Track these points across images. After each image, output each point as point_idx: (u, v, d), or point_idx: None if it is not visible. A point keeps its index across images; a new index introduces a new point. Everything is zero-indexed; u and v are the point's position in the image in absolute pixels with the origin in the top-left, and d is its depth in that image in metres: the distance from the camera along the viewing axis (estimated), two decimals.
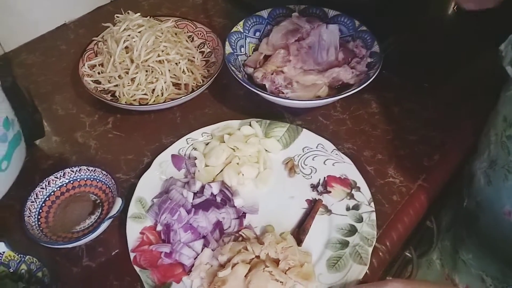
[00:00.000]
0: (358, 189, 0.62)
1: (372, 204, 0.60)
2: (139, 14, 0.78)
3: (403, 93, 0.77)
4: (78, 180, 0.64)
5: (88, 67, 0.77)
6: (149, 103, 0.72)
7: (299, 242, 0.57)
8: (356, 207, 0.60)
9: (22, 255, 0.54)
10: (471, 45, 0.85)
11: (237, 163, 0.65)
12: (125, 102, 0.73)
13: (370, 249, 0.55)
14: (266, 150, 0.67)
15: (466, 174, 0.70)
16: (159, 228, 0.58)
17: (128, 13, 0.78)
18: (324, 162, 0.65)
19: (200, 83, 0.77)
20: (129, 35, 0.74)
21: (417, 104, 0.76)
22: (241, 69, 0.75)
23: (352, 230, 0.58)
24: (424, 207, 0.64)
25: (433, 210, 0.91)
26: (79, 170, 0.64)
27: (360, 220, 0.58)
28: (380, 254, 0.58)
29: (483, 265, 0.65)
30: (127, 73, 0.74)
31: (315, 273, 0.54)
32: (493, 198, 0.58)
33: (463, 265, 0.69)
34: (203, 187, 0.61)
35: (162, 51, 0.74)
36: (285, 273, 0.53)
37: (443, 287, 0.46)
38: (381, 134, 0.71)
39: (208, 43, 0.83)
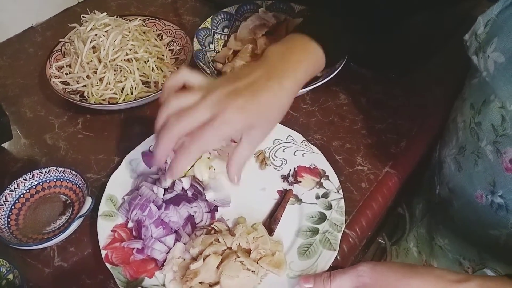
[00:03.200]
0: (327, 177, 0.63)
1: (341, 191, 0.61)
2: (105, 13, 0.78)
3: (370, 84, 0.79)
4: (48, 181, 0.63)
5: (56, 69, 0.77)
6: (118, 102, 0.72)
7: (271, 231, 0.58)
8: (325, 195, 0.61)
9: None
10: (436, 35, 0.87)
11: (208, 158, 0.65)
12: (94, 102, 0.73)
13: (339, 235, 0.56)
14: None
15: (435, 162, 0.71)
16: (130, 225, 0.58)
17: (94, 13, 0.78)
18: (294, 153, 0.66)
19: None
20: (95, 35, 0.74)
21: (384, 94, 0.78)
22: (210, 65, 0.76)
23: (322, 218, 0.59)
24: (392, 193, 0.66)
25: (404, 198, 0.93)
26: (48, 171, 0.63)
27: (329, 207, 0.60)
28: (350, 240, 0.59)
29: (459, 249, 0.67)
30: (95, 73, 0.73)
31: (286, 261, 0.55)
32: (465, 183, 0.59)
33: (440, 251, 0.70)
34: (173, 182, 0.61)
35: (130, 49, 0.74)
36: (257, 262, 0.54)
37: (411, 268, 0.47)
38: (350, 124, 0.73)
39: (177, 41, 0.83)
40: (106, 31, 0.74)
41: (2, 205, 0.60)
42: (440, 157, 0.68)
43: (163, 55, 0.79)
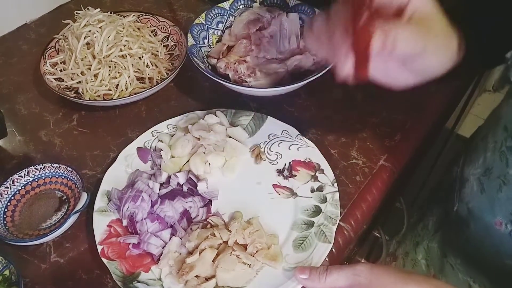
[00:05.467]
0: (322, 171, 0.63)
1: (336, 184, 0.61)
2: (99, 9, 0.77)
3: None
4: (43, 177, 0.63)
5: (50, 65, 0.77)
6: (113, 98, 0.72)
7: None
8: (320, 189, 0.61)
9: None
10: None
11: (203, 152, 0.65)
12: (89, 99, 0.72)
13: (334, 228, 0.57)
14: (231, 137, 0.68)
15: (457, 178, 0.67)
16: (125, 223, 0.58)
17: (88, 9, 0.77)
18: (289, 148, 0.67)
19: (164, 76, 0.77)
20: (89, 31, 0.74)
21: (378, 89, 0.78)
22: (205, 60, 0.76)
23: (317, 211, 0.59)
24: (387, 186, 0.66)
25: (401, 192, 0.94)
26: (44, 168, 0.63)
27: (324, 200, 0.60)
28: (345, 232, 0.60)
29: (471, 272, 0.64)
30: (90, 69, 0.73)
31: (282, 254, 0.55)
32: (485, 207, 0.56)
33: (451, 269, 0.68)
34: (169, 177, 0.62)
35: (124, 45, 0.74)
36: (253, 256, 0.54)
37: (408, 273, 0.46)
38: (344, 119, 0.73)
39: (172, 37, 0.83)
40: (100, 27, 0.74)
41: None
42: (463, 174, 0.63)
43: (157, 51, 0.79)
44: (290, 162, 0.65)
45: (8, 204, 0.61)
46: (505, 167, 0.51)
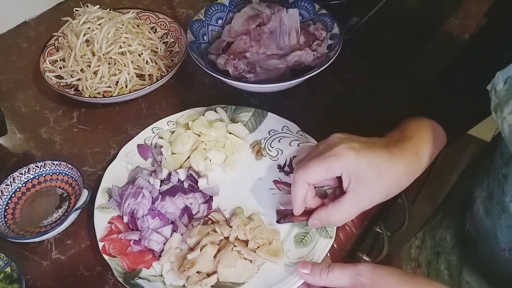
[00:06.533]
0: None
1: None
2: (98, 6, 0.77)
3: (365, 75, 0.79)
4: (44, 175, 0.63)
5: (50, 63, 0.77)
6: (113, 95, 0.72)
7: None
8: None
9: None
10: (431, 27, 0.88)
11: (204, 149, 0.65)
12: (89, 96, 0.72)
13: None
14: (231, 133, 0.68)
15: (468, 197, 0.66)
16: (126, 219, 0.58)
17: (87, 6, 0.77)
18: (289, 144, 0.67)
19: (164, 73, 0.77)
20: (89, 28, 0.73)
21: (379, 84, 0.78)
22: (204, 56, 0.75)
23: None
24: None
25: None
26: (44, 165, 0.63)
27: (325, 195, 0.60)
28: (346, 228, 0.60)
29: None
30: (89, 66, 0.73)
31: (283, 250, 0.55)
32: (491, 231, 0.55)
33: (467, 285, 0.67)
34: (169, 174, 0.62)
35: (124, 42, 0.74)
36: (254, 252, 0.54)
37: (411, 276, 0.46)
38: (345, 114, 0.73)
39: (171, 33, 0.83)
40: (99, 24, 0.74)
41: None
42: (472, 195, 0.62)
43: (157, 48, 0.79)
44: (291, 158, 0.65)
45: (9, 201, 0.61)
46: (502, 195, 0.51)
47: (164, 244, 0.56)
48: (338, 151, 0.49)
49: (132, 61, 0.74)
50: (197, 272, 0.52)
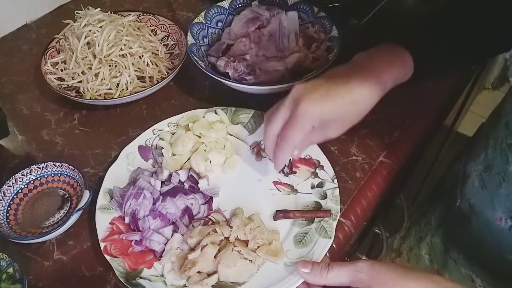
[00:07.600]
0: (322, 167, 0.64)
1: (335, 180, 0.62)
2: (99, 9, 0.78)
3: None
4: (46, 176, 0.64)
5: (51, 65, 0.77)
6: (114, 97, 0.73)
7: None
8: (320, 185, 0.62)
9: None
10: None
11: (204, 150, 0.66)
12: (90, 98, 0.73)
13: (335, 223, 0.57)
14: (231, 135, 0.68)
15: (460, 174, 0.68)
16: (127, 220, 0.59)
17: (88, 8, 0.78)
18: None
19: (165, 75, 0.77)
20: (90, 31, 0.74)
21: None
22: (204, 59, 0.76)
23: (317, 207, 0.60)
24: (387, 182, 0.66)
25: (401, 189, 0.94)
26: (46, 167, 0.64)
27: (324, 196, 0.60)
28: (346, 228, 0.60)
29: (473, 266, 0.66)
30: (91, 68, 0.74)
31: (283, 250, 0.56)
32: (486, 203, 0.57)
33: (453, 264, 0.69)
34: (170, 175, 0.62)
35: (125, 45, 0.75)
36: (254, 252, 0.55)
37: (409, 270, 0.46)
38: None
39: (172, 36, 0.84)
40: (100, 27, 0.75)
41: (1, 200, 0.61)
42: (466, 171, 0.65)
43: (157, 50, 0.80)
44: (290, 159, 0.66)
45: (11, 202, 0.62)
46: (505, 164, 0.52)
47: (165, 245, 0.56)
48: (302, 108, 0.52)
49: (132, 63, 0.75)
50: (198, 272, 0.53)
